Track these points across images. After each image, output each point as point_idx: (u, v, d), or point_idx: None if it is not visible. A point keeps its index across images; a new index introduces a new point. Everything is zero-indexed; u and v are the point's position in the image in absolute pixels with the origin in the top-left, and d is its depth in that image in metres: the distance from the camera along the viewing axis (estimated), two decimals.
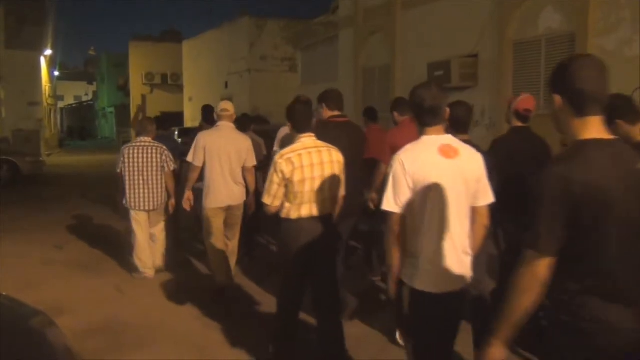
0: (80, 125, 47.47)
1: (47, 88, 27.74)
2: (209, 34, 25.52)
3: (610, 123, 2.71)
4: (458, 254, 2.56)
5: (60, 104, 45.26)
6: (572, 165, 1.81)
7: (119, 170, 5.88)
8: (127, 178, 5.77)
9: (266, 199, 3.50)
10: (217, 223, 5.26)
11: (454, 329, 2.67)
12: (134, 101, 34.28)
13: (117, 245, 7.37)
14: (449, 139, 2.62)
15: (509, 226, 3.85)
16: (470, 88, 9.92)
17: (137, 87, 34.61)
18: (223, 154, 5.15)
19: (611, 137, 1.90)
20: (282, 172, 3.41)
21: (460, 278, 2.58)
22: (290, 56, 20.51)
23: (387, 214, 2.57)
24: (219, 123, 5.36)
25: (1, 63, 22.47)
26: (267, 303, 5.18)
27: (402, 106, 4.99)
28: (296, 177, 3.41)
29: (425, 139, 2.61)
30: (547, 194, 1.81)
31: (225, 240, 5.42)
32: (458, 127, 3.42)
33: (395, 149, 2.87)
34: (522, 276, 1.87)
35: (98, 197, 11.41)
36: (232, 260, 5.69)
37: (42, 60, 26.31)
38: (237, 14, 22.66)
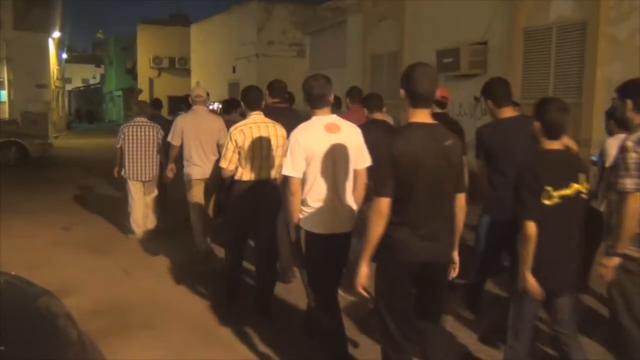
0: (88, 108, 47.56)
1: (55, 70, 27.75)
2: (217, 18, 25.42)
3: (485, 100, 4.13)
4: (341, 205, 3.36)
5: (68, 87, 45.28)
6: (397, 139, 2.76)
7: (118, 146, 6.72)
8: (126, 153, 6.60)
9: (222, 163, 4.32)
10: (197, 191, 6.03)
11: (339, 260, 3.51)
12: (141, 85, 34.27)
13: (123, 227, 7.42)
14: (334, 118, 3.39)
15: None
16: (479, 76, 9.85)
17: (144, 70, 34.60)
18: (198, 133, 5.84)
19: (432, 122, 2.79)
20: (235, 140, 4.24)
21: (344, 223, 3.39)
22: (299, 41, 20.43)
23: (287, 177, 3.32)
24: (194, 107, 6.12)
25: (9, 45, 22.50)
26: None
27: (354, 95, 5.91)
28: (246, 145, 4.25)
29: (315, 119, 3.36)
30: (382, 157, 2.74)
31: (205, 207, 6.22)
32: (373, 108, 4.98)
33: None
34: (373, 212, 2.70)
35: (105, 179, 11.45)
36: None
37: (51, 42, 26.30)
38: None
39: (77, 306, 4.00)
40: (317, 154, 3.26)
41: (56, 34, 27.08)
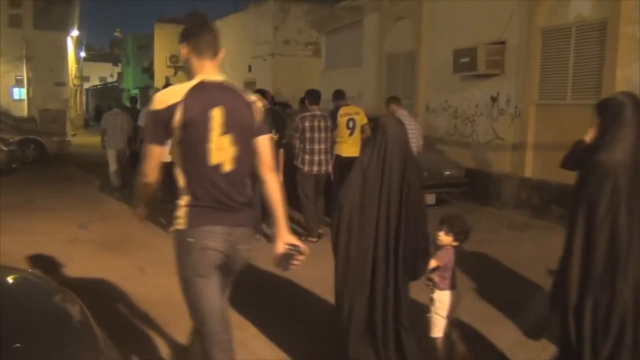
0: (108, 105, 47.97)
1: (73, 69, 28.06)
2: (233, 17, 25.49)
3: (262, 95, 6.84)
4: None
5: (86, 85, 45.70)
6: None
7: (104, 126, 10.56)
8: (108, 131, 10.40)
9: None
10: None
11: None
12: (158, 83, 34.48)
13: (139, 226, 7.46)
14: None
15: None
16: (497, 76, 9.78)
17: (161, 69, 34.81)
18: None
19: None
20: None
21: None
22: (314, 40, 20.40)
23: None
24: None
25: (29, 43, 22.81)
26: (286, 287, 5.22)
27: (263, 93, 7.81)
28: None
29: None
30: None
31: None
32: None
33: None
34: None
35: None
36: None
37: (69, 41, 26.59)
38: None
39: (92, 303, 4.03)
40: None
41: (75, 33, 27.37)
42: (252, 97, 2.78)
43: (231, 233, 2.62)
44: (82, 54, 33.60)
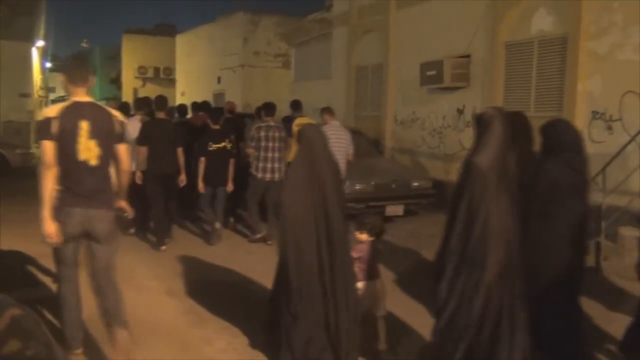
0: None
1: (38, 79, 27.50)
2: (202, 29, 25.42)
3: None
4: None
5: (52, 96, 44.82)
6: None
7: None
8: None
9: None
10: None
11: None
12: (126, 94, 34.09)
13: None
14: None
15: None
16: (463, 88, 9.96)
17: (129, 80, 34.41)
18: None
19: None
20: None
21: None
22: (284, 52, 20.48)
23: None
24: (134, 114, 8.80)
25: None
26: (254, 298, 5.18)
27: (197, 108, 9.52)
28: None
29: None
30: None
31: None
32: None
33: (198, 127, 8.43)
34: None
35: None
36: None
37: (34, 52, 26.09)
38: (232, 9, 22.56)
39: (55, 320, 3.94)
40: None
41: (40, 43, 26.85)
42: (114, 112, 3.77)
43: (87, 213, 3.66)
44: (48, 65, 32.96)
